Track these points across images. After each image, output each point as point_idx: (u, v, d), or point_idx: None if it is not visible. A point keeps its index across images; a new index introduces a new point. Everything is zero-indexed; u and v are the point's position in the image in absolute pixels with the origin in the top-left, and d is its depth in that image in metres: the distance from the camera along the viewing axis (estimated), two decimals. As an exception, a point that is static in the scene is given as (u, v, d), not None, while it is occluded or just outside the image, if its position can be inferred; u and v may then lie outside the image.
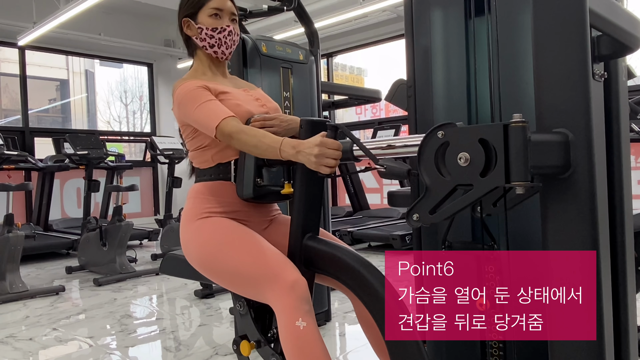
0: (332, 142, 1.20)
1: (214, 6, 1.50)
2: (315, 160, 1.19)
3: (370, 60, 9.79)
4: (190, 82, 1.45)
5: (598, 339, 0.94)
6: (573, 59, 0.94)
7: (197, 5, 1.51)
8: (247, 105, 1.48)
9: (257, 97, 1.57)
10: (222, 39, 1.51)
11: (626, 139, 1.28)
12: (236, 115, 1.39)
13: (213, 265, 1.41)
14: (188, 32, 1.55)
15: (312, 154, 1.19)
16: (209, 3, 1.50)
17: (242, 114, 1.43)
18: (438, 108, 1.55)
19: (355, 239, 5.07)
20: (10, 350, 2.59)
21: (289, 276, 1.27)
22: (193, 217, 1.46)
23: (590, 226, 0.93)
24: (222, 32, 1.51)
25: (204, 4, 1.50)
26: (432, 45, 1.55)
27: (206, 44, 1.52)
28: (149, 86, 8.88)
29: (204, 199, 1.47)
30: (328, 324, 2.83)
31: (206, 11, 1.50)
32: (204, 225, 1.44)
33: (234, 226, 1.43)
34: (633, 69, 2.07)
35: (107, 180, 6.12)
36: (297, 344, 1.22)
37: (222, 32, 1.51)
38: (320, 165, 1.20)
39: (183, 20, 1.54)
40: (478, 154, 0.92)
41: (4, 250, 3.55)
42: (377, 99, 3.74)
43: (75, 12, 5.67)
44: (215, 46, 1.52)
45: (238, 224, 1.44)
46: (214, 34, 1.50)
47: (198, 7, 1.51)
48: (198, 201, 1.48)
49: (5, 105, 9.29)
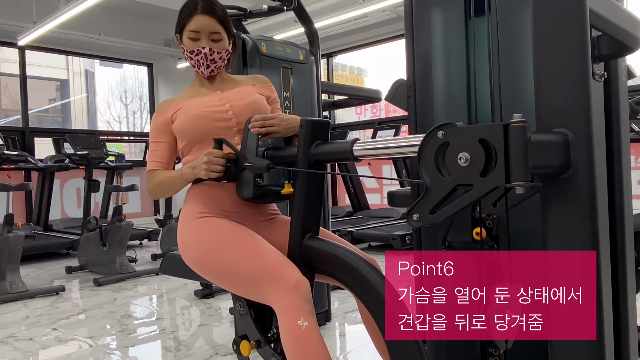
0: (216, 152, 1.40)
1: (191, 29, 1.53)
2: (205, 167, 1.38)
3: (370, 60, 9.79)
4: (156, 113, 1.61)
5: (598, 339, 0.94)
6: (573, 59, 0.94)
7: (180, 27, 1.57)
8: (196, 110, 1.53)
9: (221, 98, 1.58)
10: (200, 60, 1.56)
11: (626, 139, 1.28)
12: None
13: (211, 266, 1.40)
14: (180, 48, 1.61)
15: (202, 161, 1.39)
16: (187, 25, 1.54)
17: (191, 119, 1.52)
18: (438, 108, 1.55)
19: (355, 239, 5.07)
20: (10, 350, 2.59)
21: (292, 276, 1.27)
22: (190, 218, 1.47)
23: (590, 226, 0.93)
24: (198, 54, 1.55)
25: (184, 25, 1.55)
26: (432, 45, 1.55)
27: (190, 63, 1.59)
28: (149, 86, 8.88)
29: (200, 200, 1.48)
30: (328, 324, 2.83)
31: (186, 33, 1.55)
32: (201, 225, 1.44)
33: (233, 226, 1.43)
34: (633, 69, 2.07)
35: (107, 180, 6.12)
36: (298, 344, 1.22)
37: (198, 54, 1.55)
38: (209, 171, 1.38)
39: (176, 36, 1.60)
40: (478, 154, 0.92)
41: (4, 250, 3.55)
42: (377, 99, 3.75)
43: (75, 12, 5.67)
44: (196, 66, 1.59)
45: (236, 224, 1.45)
46: (192, 55, 1.56)
47: (180, 28, 1.57)
48: (194, 202, 1.49)
49: (5, 105, 9.29)
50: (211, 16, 1.53)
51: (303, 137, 1.33)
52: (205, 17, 1.52)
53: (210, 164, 1.38)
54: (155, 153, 1.58)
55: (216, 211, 1.46)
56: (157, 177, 1.55)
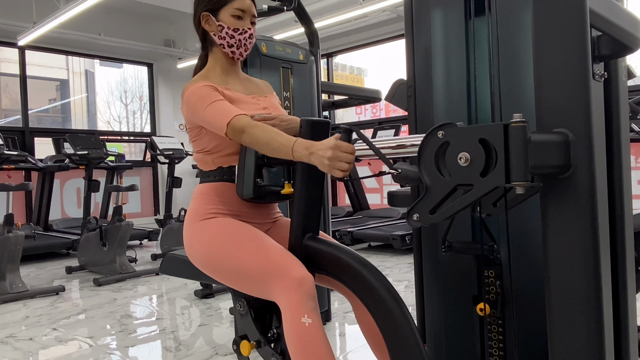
0: (346, 146, 1.17)
1: (237, 7, 1.48)
2: (329, 164, 1.17)
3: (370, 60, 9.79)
4: (200, 83, 1.44)
5: (598, 339, 0.94)
6: (573, 59, 0.94)
7: (220, 3, 1.49)
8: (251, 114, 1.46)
9: (264, 107, 1.55)
10: (242, 40, 1.51)
11: (626, 139, 1.28)
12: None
13: (217, 264, 1.40)
14: (206, 27, 1.52)
15: (326, 156, 1.17)
16: (233, 3, 1.48)
17: None
18: (438, 108, 1.55)
19: (355, 239, 5.07)
20: (10, 350, 2.59)
21: (296, 272, 1.27)
22: (197, 217, 1.47)
23: (590, 226, 0.93)
24: (244, 33, 1.50)
25: (227, 2, 1.48)
26: (432, 45, 1.55)
27: (225, 43, 1.50)
28: (149, 86, 8.88)
29: (208, 199, 1.47)
30: (328, 324, 2.83)
31: (229, 10, 1.48)
32: (208, 225, 1.44)
33: (239, 225, 1.43)
34: (633, 69, 2.07)
35: (107, 180, 6.12)
36: (301, 341, 1.22)
37: (243, 34, 1.50)
38: (333, 168, 1.17)
39: (202, 14, 1.51)
40: (478, 154, 0.92)
41: (4, 250, 3.55)
42: (377, 99, 3.74)
43: (75, 12, 5.67)
44: (234, 47, 1.51)
45: (242, 223, 1.45)
46: (235, 34, 1.49)
47: (221, 4, 1.49)
48: (203, 201, 1.48)
49: (5, 105, 9.29)
50: (253, 2, 1.53)
51: (303, 137, 1.33)
52: (250, 1, 1.51)
53: (335, 161, 1.16)
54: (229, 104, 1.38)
55: (223, 210, 1.46)
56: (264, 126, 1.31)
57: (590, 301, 0.93)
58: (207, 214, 1.46)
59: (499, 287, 1.45)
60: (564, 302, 0.96)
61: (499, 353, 1.47)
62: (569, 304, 0.95)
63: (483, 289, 1.48)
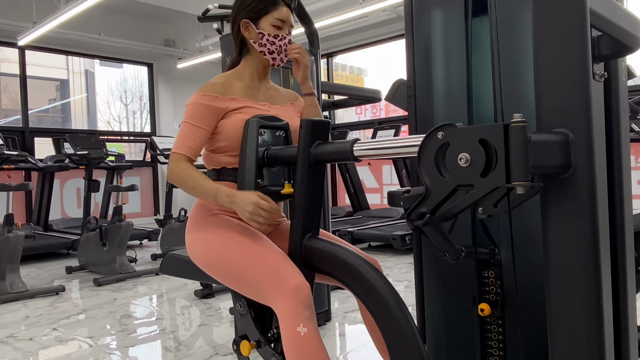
0: (266, 205, 1.33)
1: (277, 16, 1.53)
2: (249, 216, 1.33)
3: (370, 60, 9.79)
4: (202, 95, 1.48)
5: (598, 339, 0.94)
6: (573, 59, 0.94)
7: (262, 12, 1.54)
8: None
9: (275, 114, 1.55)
10: (282, 46, 1.55)
11: (626, 139, 1.28)
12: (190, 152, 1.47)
13: (216, 264, 1.41)
14: (245, 34, 1.57)
15: (247, 210, 1.33)
16: (273, 12, 1.53)
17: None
18: (438, 108, 1.55)
19: (355, 239, 5.07)
20: (10, 350, 2.59)
21: (292, 280, 1.28)
22: (200, 216, 1.49)
23: (590, 226, 0.93)
24: (283, 39, 1.54)
25: (268, 12, 1.53)
26: (432, 45, 1.55)
27: (265, 50, 1.55)
28: (149, 86, 8.88)
29: None
30: (328, 324, 2.83)
31: (269, 19, 1.53)
32: (210, 223, 1.46)
33: (240, 226, 1.45)
34: (633, 69, 2.07)
35: (107, 180, 6.12)
36: (297, 350, 1.24)
37: (282, 40, 1.54)
38: (251, 220, 1.34)
39: (242, 22, 1.56)
40: (478, 154, 0.92)
41: (4, 250, 3.55)
42: (377, 99, 3.74)
43: (75, 12, 5.67)
44: (275, 53, 1.55)
45: (244, 224, 1.46)
46: (276, 40, 1.54)
47: (262, 13, 1.54)
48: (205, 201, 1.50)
49: (5, 105, 9.29)
50: (291, 11, 1.57)
51: (303, 137, 1.33)
52: (289, 11, 1.55)
53: (254, 215, 1.33)
54: (190, 137, 1.46)
55: (226, 210, 1.48)
56: (187, 171, 1.44)
57: (590, 301, 0.93)
58: (210, 213, 1.48)
59: (499, 288, 1.45)
60: (564, 302, 0.95)
61: (498, 353, 1.47)
62: (569, 304, 0.95)
63: (483, 290, 1.48)
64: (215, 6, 2.98)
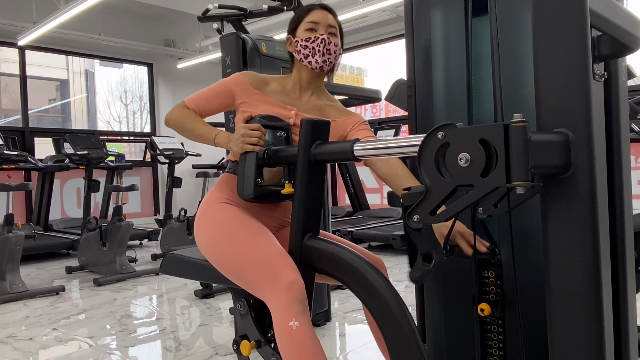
0: (253, 125, 1.41)
1: (310, 20, 1.55)
2: (242, 139, 1.38)
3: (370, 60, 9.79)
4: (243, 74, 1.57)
5: (598, 339, 0.94)
6: (573, 59, 0.94)
7: (297, 21, 1.58)
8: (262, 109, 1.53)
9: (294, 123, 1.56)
10: (315, 47, 1.55)
11: (626, 139, 1.28)
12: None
13: (217, 251, 1.43)
14: (289, 49, 1.61)
15: (239, 133, 1.39)
16: (306, 17, 1.56)
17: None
18: (438, 108, 1.55)
19: (355, 239, 5.07)
20: (10, 350, 2.59)
21: (287, 276, 1.28)
22: (211, 202, 1.52)
23: (590, 226, 0.93)
24: (315, 40, 1.54)
25: (302, 18, 1.56)
26: (432, 45, 1.55)
27: (301, 56, 1.57)
28: (149, 86, 8.88)
29: (225, 188, 1.54)
30: (328, 324, 2.83)
31: (303, 26, 1.56)
32: (217, 210, 1.49)
33: (244, 217, 1.46)
34: (633, 69, 2.07)
35: (107, 180, 6.12)
36: (290, 343, 1.24)
37: (315, 41, 1.54)
38: (245, 143, 1.38)
39: (287, 38, 1.60)
40: (478, 154, 0.92)
41: (4, 250, 3.55)
42: (377, 99, 3.74)
43: (75, 12, 5.67)
44: (310, 55, 1.56)
45: (249, 216, 1.48)
46: (307, 43, 1.55)
47: (297, 22, 1.58)
48: (219, 189, 1.55)
49: (5, 105, 9.29)
50: (329, 12, 1.58)
51: (303, 137, 1.33)
52: (323, 12, 1.56)
53: (246, 137, 1.38)
54: (203, 100, 1.57)
55: (235, 201, 1.50)
56: (189, 117, 1.54)
57: (590, 301, 0.93)
58: (221, 199, 1.51)
59: (499, 288, 1.45)
60: (564, 302, 0.95)
61: (498, 353, 1.47)
62: (569, 303, 0.95)
63: (483, 290, 1.48)
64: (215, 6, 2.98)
